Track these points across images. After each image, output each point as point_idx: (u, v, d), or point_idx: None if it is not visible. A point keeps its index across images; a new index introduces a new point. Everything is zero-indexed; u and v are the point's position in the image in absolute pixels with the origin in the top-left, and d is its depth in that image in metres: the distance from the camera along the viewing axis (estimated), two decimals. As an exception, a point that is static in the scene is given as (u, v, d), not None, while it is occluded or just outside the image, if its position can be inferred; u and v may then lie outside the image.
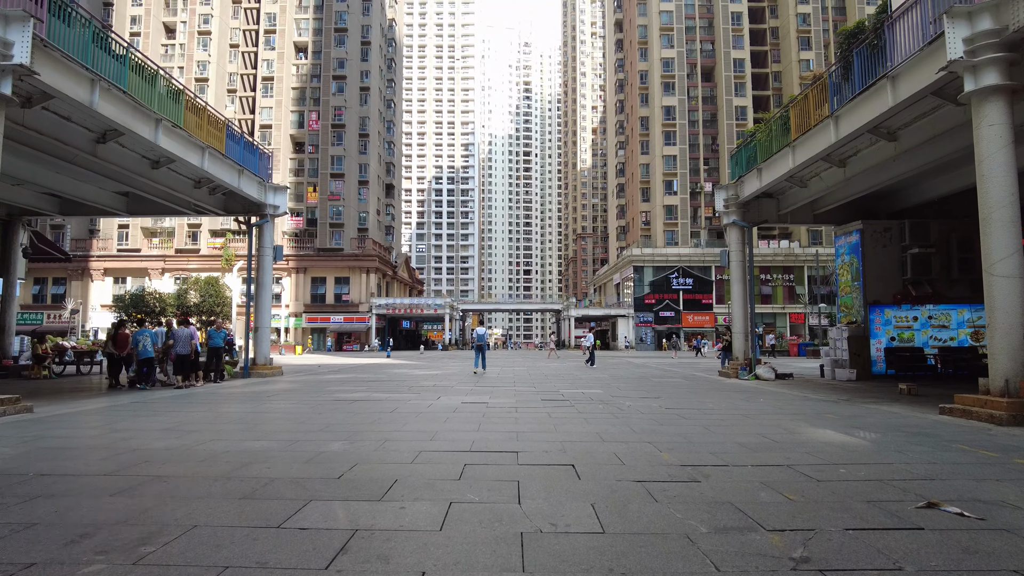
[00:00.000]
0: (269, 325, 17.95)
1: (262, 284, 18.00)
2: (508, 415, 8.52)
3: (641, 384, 14.83)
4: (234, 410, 9.24)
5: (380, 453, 5.72)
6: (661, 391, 12.80)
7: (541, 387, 13.72)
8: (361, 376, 17.94)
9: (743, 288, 18.08)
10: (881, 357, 16.98)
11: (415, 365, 25.74)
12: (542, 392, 12.37)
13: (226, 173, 16.09)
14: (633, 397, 11.29)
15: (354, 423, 7.77)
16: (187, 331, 13.65)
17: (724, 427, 7.54)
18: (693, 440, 6.55)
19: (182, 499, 4.07)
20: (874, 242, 17.53)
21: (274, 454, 5.67)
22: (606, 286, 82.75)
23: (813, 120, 13.85)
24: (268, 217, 18.04)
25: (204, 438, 6.58)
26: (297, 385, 14.49)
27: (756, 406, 10.03)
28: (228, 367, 16.36)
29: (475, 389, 13.00)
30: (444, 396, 11.37)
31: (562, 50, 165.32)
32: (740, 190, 18.11)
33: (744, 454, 5.77)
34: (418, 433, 6.91)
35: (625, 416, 8.48)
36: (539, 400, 10.65)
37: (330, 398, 11.08)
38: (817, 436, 6.87)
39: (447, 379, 16.40)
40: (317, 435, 6.83)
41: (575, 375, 18.46)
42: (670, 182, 68.15)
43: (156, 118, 12.64)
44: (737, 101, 69.58)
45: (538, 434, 6.87)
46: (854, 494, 4.26)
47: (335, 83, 68.06)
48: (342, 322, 62.70)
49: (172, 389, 13.10)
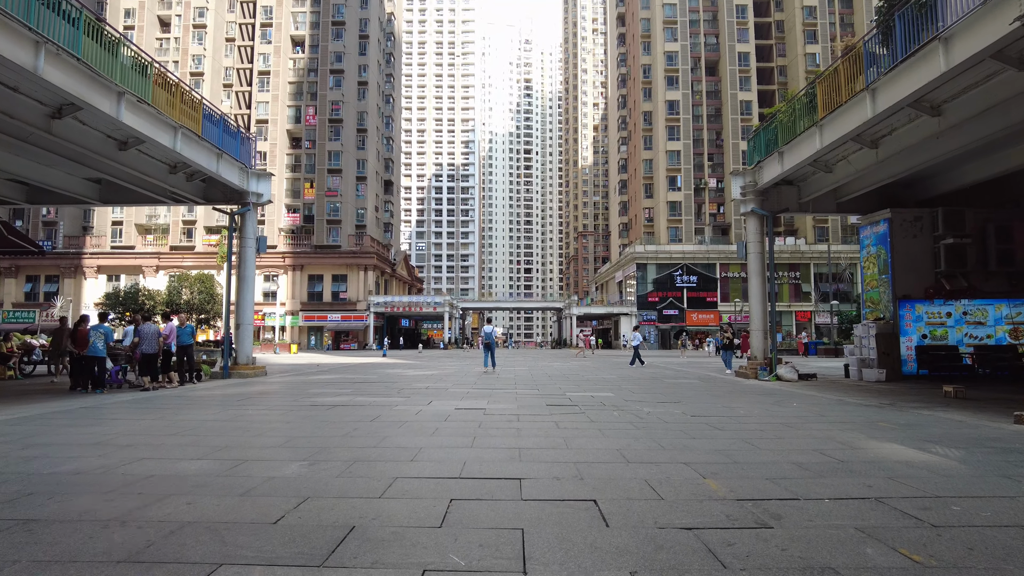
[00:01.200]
0: (252, 322, 16.67)
1: (244, 278, 16.71)
2: (508, 425, 7.25)
3: (654, 386, 13.55)
4: (190, 418, 7.97)
5: (343, 481, 4.45)
6: (679, 394, 11.52)
7: (545, 389, 12.44)
8: (350, 377, 16.67)
9: (762, 282, 16.80)
10: (912, 356, 15.70)
11: (411, 365, 24.48)
12: (546, 395, 11.09)
13: (203, 157, 14.82)
14: (650, 402, 10.01)
15: (323, 436, 6.50)
16: (154, 328, 12.38)
17: (768, 440, 6.27)
18: (738, 459, 5.27)
19: (34, 564, 2.80)
20: (903, 232, 16.23)
21: (207, 481, 4.40)
22: (608, 284, 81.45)
23: (844, 95, 12.55)
24: (250, 205, 16.74)
25: (133, 456, 5.32)
26: (277, 387, 13.22)
27: (793, 412, 8.76)
28: (206, 367, 15.09)
29: (471, 392, 11.73)
30: (436, 400, 10.10)
31: (563, 47, 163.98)
32: (759, 176, 16.83)
33: (810, 480, 4.50)
34: (397, 451, 5.63)
35: (647, 426, 7.21)
36: (544, 406, 9.38)
37: (307, 403, 9.81)
38: (886, 453, 5.60)
39: (442, 380, 15.14)
40: (273, 452, 5.56)
41: (581, 376, 17.19)
42: (674, 178, 66.82)
43: (118, 91, 11.37)
44: (742, 96, 68.22)
45: (545, 451, 5.60)
46: (1001, 551, 2.99)
47: (332, 77, 66.76)
48: (339, 320, 61.44)
49: (139, 391, 11.86)
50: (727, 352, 18.95)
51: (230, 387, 13.19)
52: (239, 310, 16.51)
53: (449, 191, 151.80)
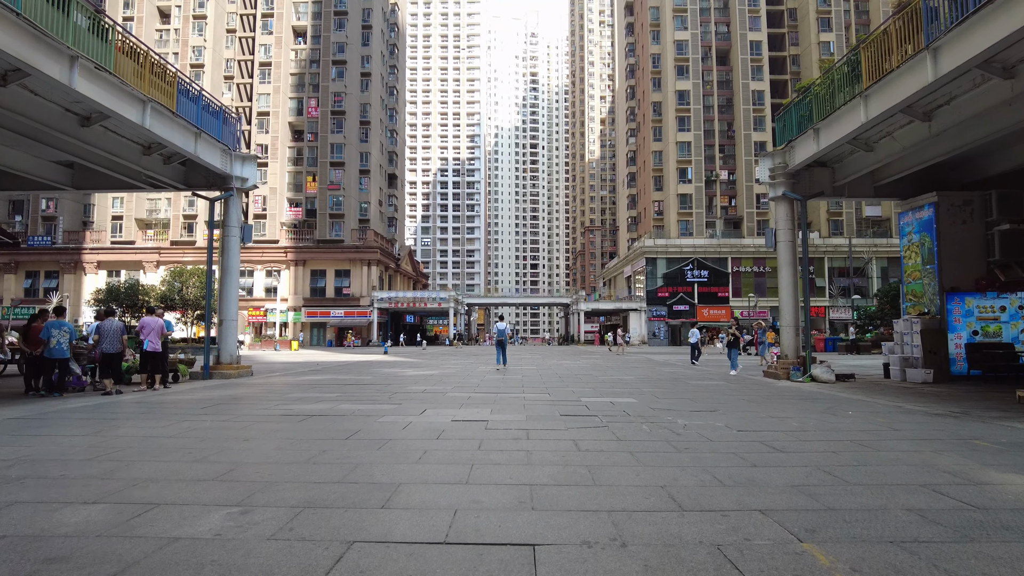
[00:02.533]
0: (236, 318, 15.32)
1: (228, 269, 15.33)
2: (516, 446, 5.83)
3: (678, 389, 12.09)
4: (130, 434, 6.60)
5: (270, 551, 3.03)
6: (710, 400, 10.07)
7: (556, 393, 11.01)
8: (342, 377, 15.30)
9: (793, 274, 15.29)
10: (961, 355, 14.17)
11: (411, 363, 23.12)
12: (559, 401, 9.67)
13: (178, 135, 13.43)
14: (681, 410, 8.56)
15: (278, 462, 5.10)
16: (117, 324, 11.02)
17: (851, 469, 4.82)
18: (830, 503, 3.83)
19: None
20: (951, 217, 14.68)
21: (76, 548, 3.00)
22: (616, 279, 79.86)
23: (896, 59, 11.02)
24: (233, 191, 15.33)
25: (11, 497, 3.93)
26: (257, 390, 11.85)
27: (856, 425, 7.29)
28: (183, 367, 13.74)
29: (473, 398, 10.31)
30: (432, 408, 8.70)
31: (569, 40, 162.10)
32: (790, 157, 15.29)
33: (956, 546, 3.06)
34: (367, 490, 4.21)
35: (690, 447, 5.77)
36: (557, 416, 7.95)
37: (280, 411, 8.42)
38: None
39: (442, 382, 13.73)
40: (202, 490, 4.17)
41: (594, 376, 15.75)
42: (684, 170, 65.06)
43: (71, 55, 10.00)
44: (754, 85, 66.33)
45: (566, 491, 4.17)
46: None
47: (335, 68, 65.37)
48: (342, 316, 60.21)
49: (103, 396, 10.52)
50: (733, 350, 17.42)
51: (204, 390, 11.83)
52: (222, 305, 15.16)
53: (455, 186, 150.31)
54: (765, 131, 65.18)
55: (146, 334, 11.75)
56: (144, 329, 11.84)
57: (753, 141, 65.01)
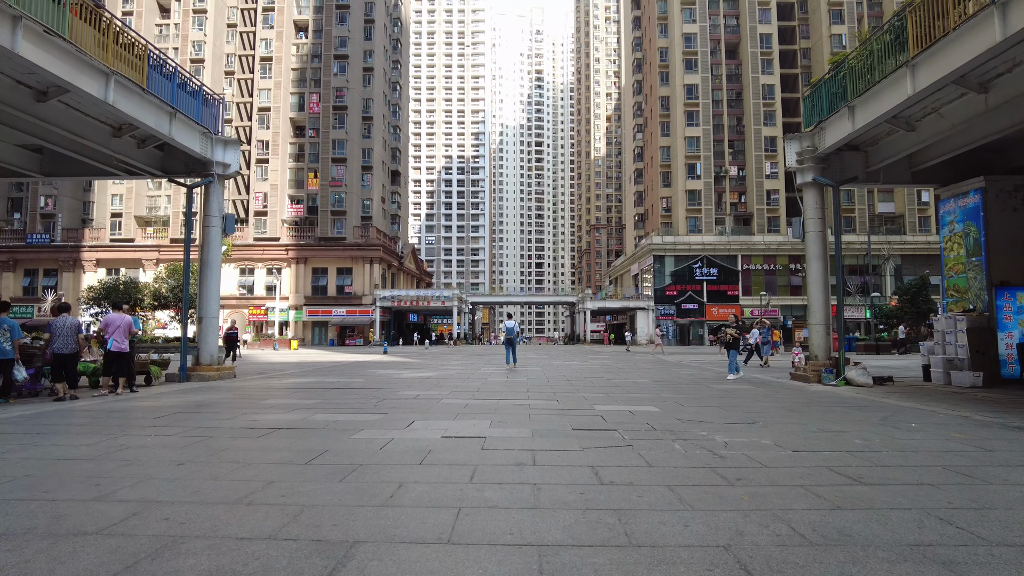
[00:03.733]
0: (217, 315, 14.09)
1: (208, 263, 14.09)
2: (518, 476, 4.56)
3: (703, 395, 10.79)
4: (36, 456, 5.37)
5: None
6: (742, 408, 8.77)
7: (566, 401, 9.74)
8: (330, 380, 14.06)
9: (823, 267, 13.95)
10: (1013, 356, 12.81)
11: (410, 364, 21.90)
12: (569, 411, 8.38)
13: (149, 115, 12.21)
14: (714, 422, 7.27)
15: (201, 502, 3.84)
16: (71, 321, 9.81)
17: (974, 515, 3.54)
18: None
19: None
20: (1001, 205, 13.32)
21: None
22: (623, 277, 78.46)
23: (953, 19, 9.70)
24: (214, 177, 14.09)
25: None
26: (229, 396, 10.62)
27: (932, 443, 5.99)
28: (155, 368, 12.52)
29: (471, 406, 9.05)
30: (421, 420, 7.44)
31: (575, 37, 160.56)
32: (819, 140, 13.95)
33: None
34: (302, 558, 2.95)
35: (741, 476, 4.49)
36: (569, 430, 6.67)
37: (242, 423, 7.17)
38: None
39: (439, 386, 12.48)
40: (61, 556, 2.92)
41: (605, 380, 14.46)
42: (693, 165, 63.56)
43: (12, 14, 8.79)
44: (764, 79, 64.70)
45: (590, 558, 2.88)
46: None
47: (336, 63, 64.23)
48: (344, 315, 59.07)
49: (52, 402, 9.33)
50: (732, 351, 15.32)
51: (173, 395, 10.62)
52: (202, 301, 13.93)
53: (459, 184, 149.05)
54: (775, 126, 63.66)
55: (111, 332, 10.57)
56: (109, 327, 10.66)
57: (763, 136, 63.50)
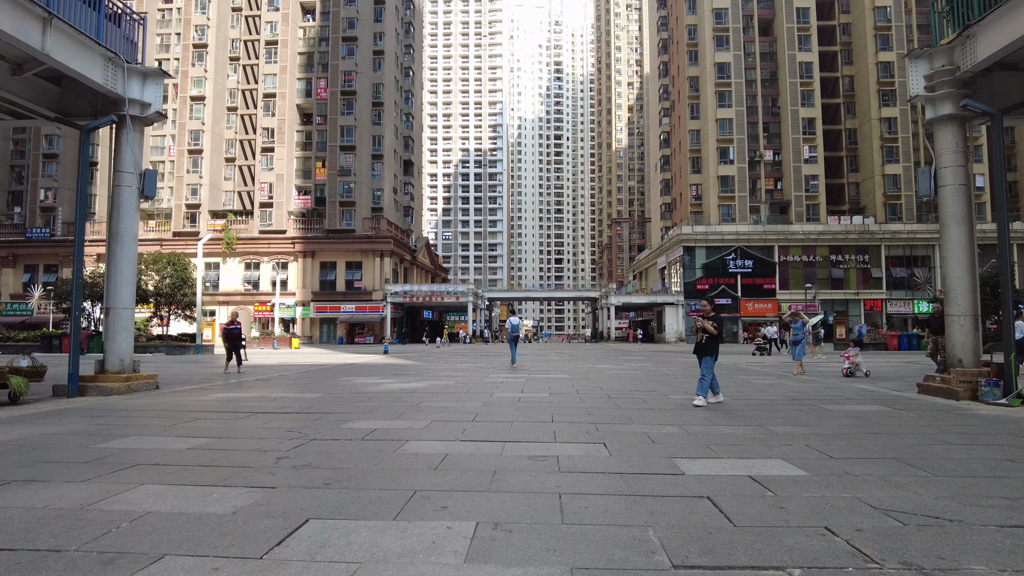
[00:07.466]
0: (131, 306, 10.51)
1: (118, 235, 10.47)
2: None
3: (825, 423, 6.86)
4: None
5: None
6: (916, 455, 4.88)
7: (619, 443, 5.91)
8: (275, 396, 10.37)
9: (967, 233, 9.84)
10: None
11: (404, 368, 18.23)
12: (633, 475, 4.55)
13: (3, 17, 8.51)
14: (915, 512, 3.41)
15: None
16: None
17: None
18: None
19: None
20: None
21: None
22: (648, 271, 74.11)
23: None
24: (126, 117, 10.45)
25: None
26: (74, 428, 7.01)
27: None
28: (17, 380, 8.88)
29: (451, 460, 5.23)
30: (321, 521, 3.70)
31: (595, 26, 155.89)
32: (965, 53, 9.83)
33: None
34: None
35: None
36: (668, 568, 2.88)
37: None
38: None
39: (420, 409, 8.71)
40: None
41: (660, 394, 10.59)
42: (725, 149, 58.97)
43: None
44: (801, 56, 59.73)
45: None
46: None
47: (345, 45, 60.81)
48: (354, 312, 55.77)
49: None
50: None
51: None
52: (110, 286, 10.34)
53: (476, 177, 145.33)
54: (814, 106, 58.83)
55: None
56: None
57: (801, 117, 58.69)
